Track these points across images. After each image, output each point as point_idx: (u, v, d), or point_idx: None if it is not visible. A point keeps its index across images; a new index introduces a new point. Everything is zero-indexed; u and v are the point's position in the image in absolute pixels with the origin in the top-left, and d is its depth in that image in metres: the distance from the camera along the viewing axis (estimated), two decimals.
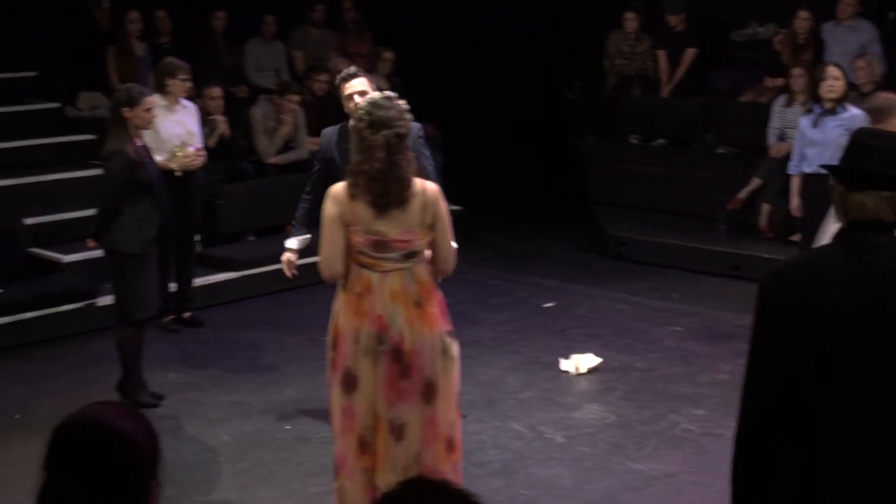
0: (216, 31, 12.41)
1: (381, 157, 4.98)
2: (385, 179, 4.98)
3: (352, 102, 6.55)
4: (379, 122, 5.02)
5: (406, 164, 5.05)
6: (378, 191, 4.99)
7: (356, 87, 6.64)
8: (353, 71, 6.78)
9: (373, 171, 4.98)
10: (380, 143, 4.99)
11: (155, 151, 8.43)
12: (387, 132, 5.01)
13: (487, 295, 10.13)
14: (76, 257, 9.54)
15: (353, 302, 5.14)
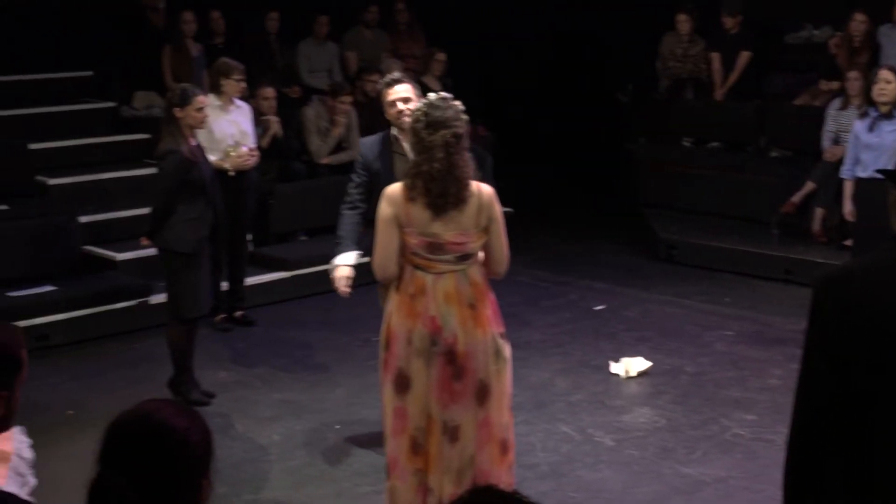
0: (269, 31, 12.47)
1: (441, 157, 5.00)
2: (444, 180, 4.99)
3: (394, 109, 6.28)
4: (436, 122, 5.03)
5: (464, 165, 5.06)
6: (437, 191, 5.00)
7: (399, 94, 6.31)
8: (398, 77, 6.45)
9: (432, 171, 4.99)
10: (438, 143, 5.00)
11: (209, 151, 8.48)
12: (445, 132, 5.02)
13: (538, 297, 10.10)
14: (130, 255, 9.63)
15: (406, 303, 5.15)
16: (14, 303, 8.80)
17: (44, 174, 10.47)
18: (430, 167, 5.00)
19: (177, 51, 11.56)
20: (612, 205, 13.22)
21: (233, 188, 8.86)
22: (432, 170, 5.00)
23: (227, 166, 8.89)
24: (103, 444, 2.49)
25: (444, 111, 5.08)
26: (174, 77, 11.32)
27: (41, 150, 10.68)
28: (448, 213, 5.03)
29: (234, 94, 9.13)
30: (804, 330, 3.13)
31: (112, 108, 11.80)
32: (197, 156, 7.47)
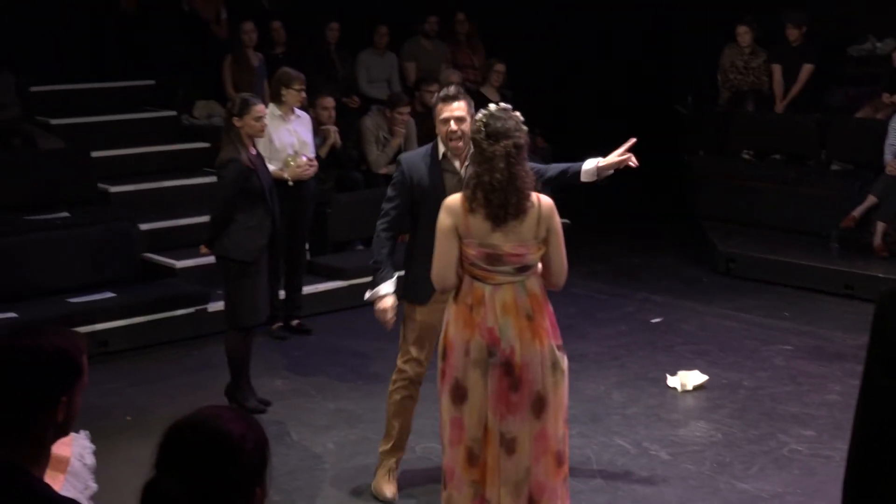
0: (329, 41, 12.52)
1: (502, 167, 5.00)
2: (504, 190, 4.99)
3: (447, 127, 5.93)
4: (497, 132, 5.04)
5: (525, 176, 5.06)
6: (497, 202, 5.00)
7: (455, 112, 5.93)
8: (454, 92, 6.03)
9: (493, 181, 4.99)
10: (499, 154, 5.00)
11: (269, 160, 8.53)
12: (506, 143, 5.03)
13: (595, 309, 10.07)
14: (189, 263, 9.70)
15: (464, 313, 5.15)
16: (75, 309, 8.89)
17: (106, 182, 10.58)
18: (490, 178, 5.00)
19: (238, 60, 11.65)
20: (671, 217, 13.17)
21: (291, 197, 8.90)
22: (493, 180, 4.99)
23: (287, 176, 8.94)
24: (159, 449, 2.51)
25: (504, 122, 5.08)
26: (235, 86, 11.40)
27: (103, 158, 10.80)
28: (508, 224, 5.02)
29: (294, 104, 9.18)
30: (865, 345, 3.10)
31: (173, 116, 11.91)
32: (256, 165, 7.51)
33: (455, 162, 5.98)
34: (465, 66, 13.22)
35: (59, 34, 11.62)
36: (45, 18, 11.52)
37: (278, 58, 11.77)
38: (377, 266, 6.01)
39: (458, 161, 5.96)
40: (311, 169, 9.12)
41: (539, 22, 14.52)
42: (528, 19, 14.50)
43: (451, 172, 5.98)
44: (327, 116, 10.38)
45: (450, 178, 5.96)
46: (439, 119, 5.99)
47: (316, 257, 10.46)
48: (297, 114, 9.27)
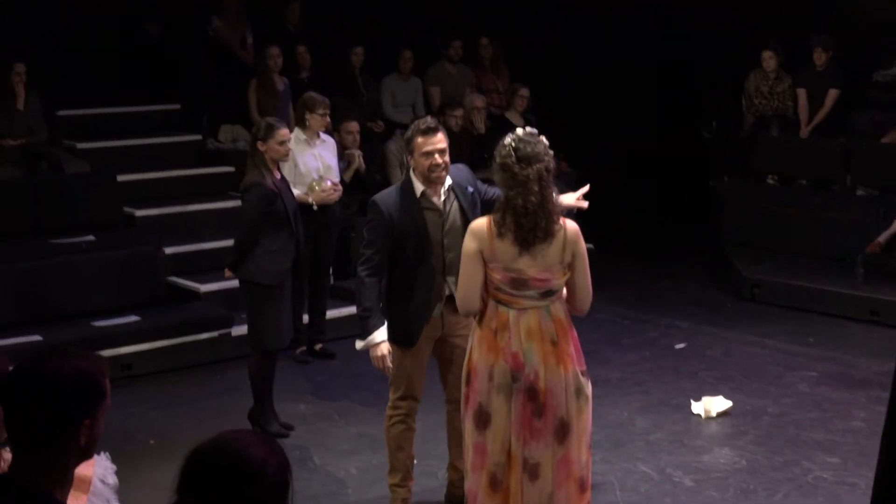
0: (354, 66, 12.57)
1: (536, 190, 5.03)
2: (535, 213, 5.01)
3: (429, 161, 5.81)
4: (528, 156, 5.06)
5: (554, 199, 5.08)
6: (528, 225, 5.01)
7: (438, 145, 5.83)
8: (434, 124, 5.91)
9: (527, 205, 5.00)
10: (532, 177, 5.03)
11: (293, 184, 8.57)
12: (538, 165, 5.05)
13: (618, 334, 10.04)
14: (213, 287, 9.74)
15: (488, 338, 5.15)
16: (99, 332, 8.93)
17: (131, 205, 10.64)
18: (524, 201, 5.01)
19: (263, 85, 11.69)
20: (695, 242, 13.13)
21: (316, 222, 8.94)
22: (527, 203, 5.01)
23: (311, 200, 8.96)
24: (181, 473, 2.51)
25: (534, 145, 5.11)
26: (260, 111, 11.44)
27: (129, 182, 10.86)
28: (535, 247, 5.03)
29: (318, 128, 9.21)
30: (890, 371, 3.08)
31: (198, 141, 11.97)
32: (280, 189, 7.54)
33: (433, 198, 5.92)
34: (490, 91, 13.25)
35: (85, 58, 11.71)
36: (71, 43, 11.61)
37: (303, 82, 11.82)
38: (366, 314, 5.91)
39: (436, 197, 5.92)
40: (336, 193, 9.15)
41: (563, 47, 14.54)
42: (553, 44, 14.52)
43: (431, 210, 5.91)
44: (352, 141, 10.40)
45: (430, 215, 5.91)
46: (420, 153, 5.84)
47: (340, 281, 10.46)
48: (321, 138, 9.30)
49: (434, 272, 5.88)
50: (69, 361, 2.83)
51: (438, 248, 5.89)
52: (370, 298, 5.90)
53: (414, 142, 5.88)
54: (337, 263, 10.29)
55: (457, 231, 5.87)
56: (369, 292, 5.90)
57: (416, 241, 5.85)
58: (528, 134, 5.18)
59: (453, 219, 5.92)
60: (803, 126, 12.64)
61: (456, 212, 5.94)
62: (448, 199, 5.94)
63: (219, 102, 12.20)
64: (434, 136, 5.85)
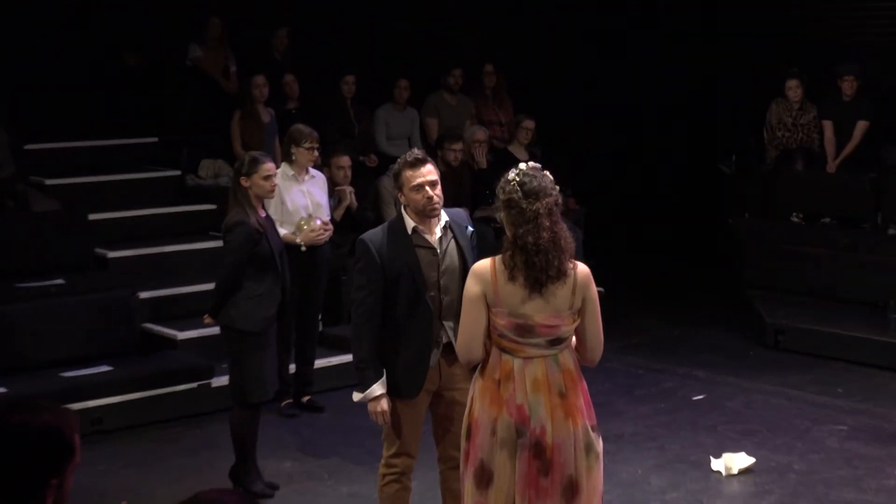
0: (345, 96, 12.61)
1: (547, 225, 5.04)
2: (547, 252, 5.01)
3: (420, 194, 5.82)
4: (535, 191, 5.07)
5: (567, 236, 5.11)
6: (540, 265, 5.01)
7: (428, 177, 5.84)
8: (421, 156, 5.92)
9: (539, 242, 5.01)
10: (542, 212, 5.04)
11: (280, 223, 8.59)
12: (547, 200, 5.07)
13: (631, 385, 10.03)
14: (192, 334, 9.72)
15: (491, 389, 5.14)
16: (68, 384, 8.91)
17: (104, 246, 10.63)
18: (535, 238, 5.02)
19: (247, 116, 11.71)
20: (713, 285, 13.13)
21: (304, 263, 8.94)
22: (539, 240, 5.02)
23: (299, 240, 8.97)
24: None
25: (539, 180, 5.12)
26: (244, 144, 11.47)
27: (101, 221, 10.86)
28: (546, 289, 5.03)
29: (305, 163, 9.23)
30: None
31: (177, 176, 11.99)
32: (266, 228, 7.55)
33: (427, 236, 5.90)
34: (492, 123, 13.27)
35: (56, 89, 11.76)
36: (42, 73, 11.66)
37: (291, 113, 11.85)
38: (364, 364, 5.88)
39: (430, 234, 5.91)
40: (326, 233, 9.16)
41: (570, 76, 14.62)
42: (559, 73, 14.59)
43: (424, 248, 5.89)
44: (343, 176, 10.41)
45: (424, 254, 5.88)
46: (410, 187, 5.84)
47: (329, 328, 10.46)
48: (310, 174, 9.31)
49: (430, 317, 5.86)
50: (36, 416, 2.82)
51: (434, 290, 5.87)
52: (367, 347, 5.88)
53: (402, 176, 5.89)
54: (327, 308, 10.28)
55: (454, 272, 5.87)
56: (366, 340, 5.88)
57: (408, 282, 5.82)
58: (532, 168, 5.20)
59: (450, 259, 5.91)
60: (830, 160, 12.66)
61: (453, 251, 5.93)
62: (444, 236, 5.94)
63: (199, 135, 12.24)
64: (422, 167, 5.86)
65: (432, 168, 5.91)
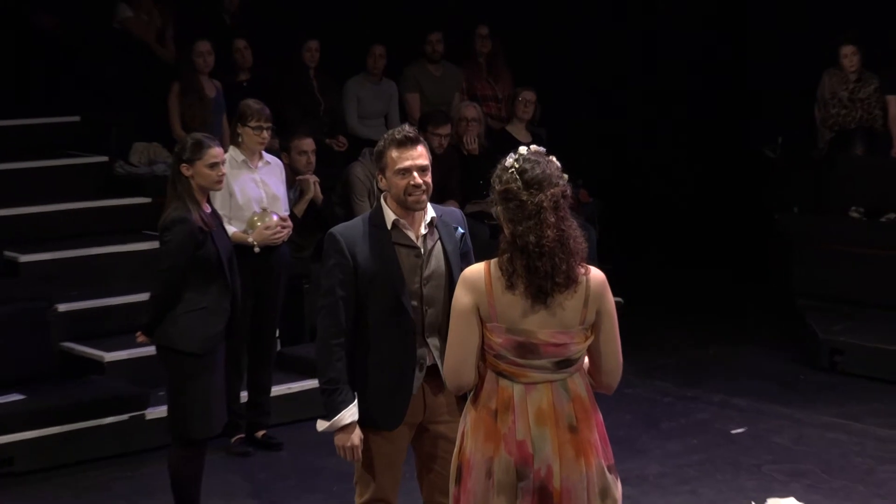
0: (308, 65, 12.57)
1: (552, 221, 4.98)
2: (553, 254, 4.96)
3: (406, 180, 5.81)
4: (538, 180, 5.01)
5: (577, 234, 5.06)
6: (545, 270, 4.95)
7: (418, 161, 5.85)
8: (413, 134, 5.91)
9: (543, 241, 4.94)
10: (546, 206, 4.98)
11: (228, 220, 8.57)
12: (552, 191, 5.01)
13: (656, 416, 10.03)
14: (122, 355, 9.69)
15: (485, 422, 5.10)
16: None
17: (13, 248, 10.60)
18: (538, 237, 4.95)
19: (188, 91, 11.68)
20: (755, 294, 13.17)
21: (258, 269, 8.92)
22: (543, 240, 4.95)
23: (252, 240, 8.94)
24: None
25: (543, 166, 5.06)
26: (184, 124, 11.45)
27: (10, 218, 10.85)
28: (551, 299, 4.98)
29: (255, 147, 9.19)
30: None
31: (103, 163, 11.93)
32: (211, 226, 7.51)
33: (408, 232, 5.89)
34: (486, 98, 13.25)
35: None
36: None
37: (241, 87, 11.83)
38: (332, 386, 5.84)
39: (413, 231, 5.90)
40: (284, 231, 9.13)
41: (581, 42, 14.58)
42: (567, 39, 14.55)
43: (406, 247, 5.88)
44: (305, 163, 10.38)
45: (405, 254, 5.87)
46: (394, 170, 5.84)
47: (289, 348, 10.44)
48: (266, 160, 9.29)
49: (410, 332, 5.83)
50: None
51: (416, 300, 5.85)
52: (335, 367, 5.84)
53: (386, 156, 5.86)
54: (286, 324, 10.26)
55: (439, 279, 5.86)
56: (333, 358, 5.84)
57: (386, 287, 5.79)
58: (534, 152, 5.14)
59: (435, 263, 5.89)
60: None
61: (439, 254, 5.90)
62: (430, 235, 5.91)
63: (130, 113, 12.18)
64: (412, 147, 5.86)
65: (424, 151, 5.90)
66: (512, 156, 5.14)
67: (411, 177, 5.81)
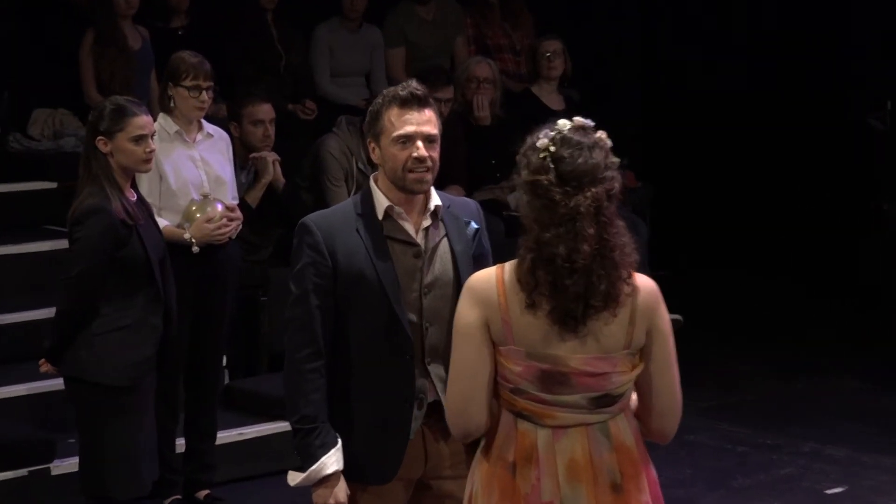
0: (265, 7, 12.57)
1: (591, 233, 4.90)
2: (589, 272, 4.92)
3: (409, 151, 5.79)
4: (579, 172, 4.93)
5: (623, 244, 4.98)
6: (575, 290, 4.90)
7: (423, 127, 5.83)
8: (422, 92, 5.87)
9: (574, 257, 4.88)
10: (585, 211, 4.89)
11: (159, 211, 8.53)
12: (595, 190, 4.91)
13: (727, 470, 10.02)
14: (18, 390, 9.68)
15: (501, 479, 5.09)
16: None
17: None
18: (570, 250, 4.90)
19: (105, 40, 11.67)
20: (855, 312, 13.14)
21: (198, 275, 8.89)
22: (575, 253, 4.89)
23: (189, 236, 8.90)
24: None
25: (587, 152, 4.99)
26: (101, 85, 11.43)
27: None
28: (584, 326, 4.95)
29: (191, 114, 9.14)
30: None
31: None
32: (137, 219, 7.49)
33: (405, 224, 5.87)
34: (500, 49, 13.23)
35: None
36: None
37: (176, 35, 11.83)
38: (308, 426, 5.77)
39: (409, 223, 5.88)
40: (232, 225, 9.09)
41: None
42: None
43: (401, 243, 5.87)
44: (262, 135, 10.37)
45: (401, 252, 5.85)
46: (393, 137, 5.81)
47: (240, 381, 10.43)
48: (206, 131, 9.25)
49: (406, 357, 5.81)
50: None
51: (414, 314, 5.83)
52: (311, 399, 5.77)
53: (384, 118, 5.83)
54: (235, 349, 10.25)
55: (444, 287, 5.84)
56: (308, 388, 5.78)
57: (375, 297, 5.76)
58: (577, 129, 5.07)
59: (440, 266, 5.87)
60: None
61: (445, 255, 5.87)
62: (433, 230, 5.90)
63: (28, 72, 12.17)
64: (419, 110, 5.81)
65: (433, 116, 5.85)
66: (548, 133, 5.04)
67: (414, 147, 5.75)
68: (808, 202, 14.36)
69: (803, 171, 14.59)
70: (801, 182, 14.53)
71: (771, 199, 14.54)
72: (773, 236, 14.24)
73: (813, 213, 14.23)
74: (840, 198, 14.02)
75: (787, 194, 14.50)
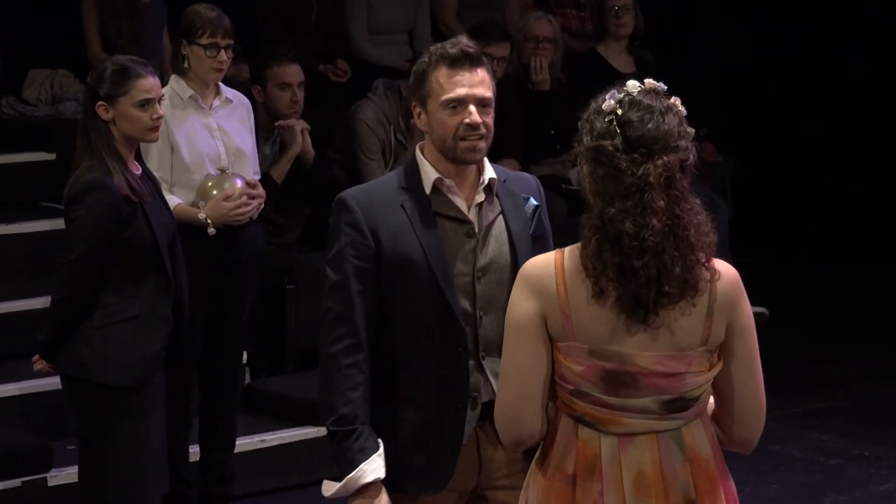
0: None
1: (662, 205, 4.88)
2: (661, 252, 4.90)
3: (459, 116, 5.79)
4: (648, 140, 4.92)
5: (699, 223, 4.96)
6: (647, 273, 4.88)
7: (476, 89, 5.84)
8: (474, 50, 5.86)
9: (645, 234, 4.87)
10: (655, 183, 4.87)
11: (169, 186, 8.53)
12: (667, 159, 4.89)
13: (818, 485, 10.02)
14: (10, 390, 9.73)
15: (559, 492, 5.09)
16: None
17: None
18: (637, 226, 4.87)
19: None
20: None
21: (215, 261, 8.91)
22: (644, 231, 4.88)
23: (204, 216, 8.90)
24: None
25: (659, 116, 4.98)
26: (106, 43, 11.45)
27: None
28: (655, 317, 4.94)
29: (208, 76, 9.14)
30: None
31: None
32: (143, 196, 7.49)
33: (456, 199, 5.87)
34: (562, 4, 13.23)
35: None
36: None
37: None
38: (345, 427, 5.76)
39: (460, 198, 5.87)
40: (254, 204, 9.09)
41: None
42: None
43: (452, 220, 5.87)
44: (288, 101, 10.40)
45: (452, 231, 5.86)
46: (442, 101, 5.82)
47: (261, 381, 10.45)
48: (225, 97, 9.25)
49: (458, 350, 5.81)
50: None
51: (467, 301, 5.83)
52: (350, 397, 5.76)
53: (431, 79, 5.83)
54: (257, 344, 10.26)
55: (501, 272, 5.82)
56: (347, 383, 5.77)
57: (423, 281, 5.74)
58: (648, 92, 5.06)
59: (496, 248, 5.86)
60: None
61: (501, 235, 5.85)
62: (487, 206, 5.88)
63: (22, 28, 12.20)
64: (472, 70, 5.82)
65: (487, 77, 5.86)
66: (615, 94, 5.04)
67: (466, 112, 5.74)
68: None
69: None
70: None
71: (874, 179, 14.50)
72: (874, 223, 14.21)
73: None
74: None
75: (889, 176, 14.48)
